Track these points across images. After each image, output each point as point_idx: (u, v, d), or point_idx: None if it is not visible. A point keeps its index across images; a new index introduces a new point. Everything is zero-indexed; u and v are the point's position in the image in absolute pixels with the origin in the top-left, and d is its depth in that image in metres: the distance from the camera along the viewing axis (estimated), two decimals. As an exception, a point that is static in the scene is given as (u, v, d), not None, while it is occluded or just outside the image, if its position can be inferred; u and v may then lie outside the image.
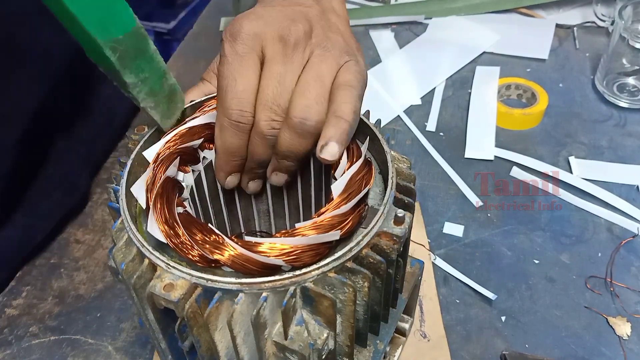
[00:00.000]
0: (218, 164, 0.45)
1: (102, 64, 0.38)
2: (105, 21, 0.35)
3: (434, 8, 1.06)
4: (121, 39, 0.36)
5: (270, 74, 0.41)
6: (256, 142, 0.42)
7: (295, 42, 0.41)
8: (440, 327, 0.59)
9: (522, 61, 0.95)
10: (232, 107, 0.41)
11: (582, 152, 0.78)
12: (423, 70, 0.94)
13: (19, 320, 0.61)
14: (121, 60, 0.37)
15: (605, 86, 0.87)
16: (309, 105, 0.40)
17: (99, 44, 0.35)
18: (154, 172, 0.40)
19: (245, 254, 0.35)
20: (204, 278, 0.34)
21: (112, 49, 0.36)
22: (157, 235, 0.37)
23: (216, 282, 0.34)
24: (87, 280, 0.65)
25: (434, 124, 0.84)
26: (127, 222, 0.37)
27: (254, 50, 0.41)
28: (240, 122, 0.41)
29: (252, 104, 0.41)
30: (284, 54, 0.41)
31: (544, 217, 0.71)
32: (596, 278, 0.64)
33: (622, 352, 0.57)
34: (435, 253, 0.66)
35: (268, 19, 0.42)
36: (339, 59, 0.42)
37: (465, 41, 0.99)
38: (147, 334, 0.59)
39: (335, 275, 0.35)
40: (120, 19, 0.36)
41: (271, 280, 0.34)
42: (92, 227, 0.71)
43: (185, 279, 0.35)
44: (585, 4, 1.04)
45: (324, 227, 0.37)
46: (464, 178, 0.76)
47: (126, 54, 0.37)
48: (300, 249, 0.36)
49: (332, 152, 0.40)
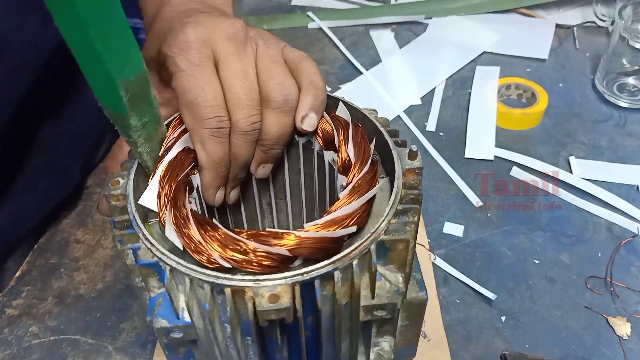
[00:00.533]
0: (206, 181, 0.44)
1: (110, 105, 0.38)
2: (123, 61, 0.35)
3: (434, 8, 1.06)
4: (132, 80, 0.37)
5: (232, 73, 0.41)
6: (239, 144, 0.42)
7: (243, 39, 0.42)
8: (440, 327, 0.59)
9: (522, 61, 0.95)
10: (209, 116, 0.41)
11: (582, 152, 0.79)
12: (423, 70, 0.94)
13: (19, 320, 0.61)
14: (130, 102, 0.37)
15: (605, 86, 0.87)
16: (282, 82, 0.41)
17: (115, 83, 0.36)
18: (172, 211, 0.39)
19: (312, 236, 0.36)
20: (299, 273, 0.35)
21: (124, 90, 0.36)
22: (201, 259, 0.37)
23: (311, 271, 0.35)
24: (87, 280, 0.65)
25: (434, 124, 0.84)
26: (187, 268, 0.36)
27: (208, 57, 0.41)
28: (221, 127, 0.41)
29: (225, 108, 0.41)
30: (237, 50, 0.42)
31: (544, 217, 0.71)
32: (596, 278, 0.64)
33: (622, 352, 0.57)
34: (435, 253, 0.66)
35: (207, 24, 0.42)
36: (277, 44, 0.44)
37: (465, 41, 0.99)
38: (150, 336, 0.59)
39: (397, 220, 0.39)
40: (133, 61, 0.36)
41: (357, 247, 0.36)
42: (92, 227, 0.71)
43: (282, 284, 0.35)
44: (585, 4, 1.04)
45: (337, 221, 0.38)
46: (464, 178, 0.76)
47: (134, 96, 0.37)
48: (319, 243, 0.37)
49: (312, 123, 0.42)
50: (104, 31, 0.33)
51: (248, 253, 0.35)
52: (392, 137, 0.44)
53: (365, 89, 0.92)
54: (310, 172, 0.49)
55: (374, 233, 0.37)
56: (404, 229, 0.38)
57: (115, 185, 0.40)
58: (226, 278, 0.35)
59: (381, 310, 0.39)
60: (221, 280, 0.35)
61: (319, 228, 0.37)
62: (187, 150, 0.43)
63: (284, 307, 0.34)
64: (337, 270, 0.36)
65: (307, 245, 0.36)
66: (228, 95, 0.41)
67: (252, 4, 1.14)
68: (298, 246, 0.36)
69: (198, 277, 0.35)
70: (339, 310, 0.38)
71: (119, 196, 0.40)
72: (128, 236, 0.38)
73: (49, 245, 0.69)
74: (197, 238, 0.36)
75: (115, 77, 0.35)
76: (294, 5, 1.13)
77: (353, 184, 0.40)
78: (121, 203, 0.40)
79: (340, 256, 0.36)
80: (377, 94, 0.90)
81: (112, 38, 0.34)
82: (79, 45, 0.33)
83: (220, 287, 0.35)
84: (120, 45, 0.35)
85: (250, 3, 1.14)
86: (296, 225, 0.55)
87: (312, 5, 1.12)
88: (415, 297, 0.42)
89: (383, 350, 0.46)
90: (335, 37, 1.02)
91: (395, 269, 0.40)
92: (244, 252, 0.35)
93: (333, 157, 0.45)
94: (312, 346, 0.41)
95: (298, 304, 0.35)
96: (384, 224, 0.38)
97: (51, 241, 0.69)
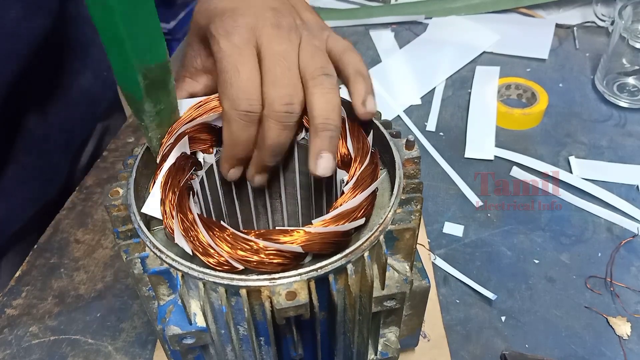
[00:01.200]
0: (223, 155, 0.45)
1: (127, 87, 0.38)
2: (145, 48, 0.36)
3: (434, 8, 1.06)
4: (152, 67, 0.37)
5: (271, 55, 0.41)
6: (270, 126, 0.41)
7: (288, 27, 0.43)
8: (440, 327, 0.59)
9: (522, 61, 0.95)
10: (239, 97, 0.40)
11: (582, 152, 0.78)
12: (423, 70, 0.94)
13: (19, 320, 0.61)
14: (147, 88, 0.38)
15: (606, 86, 0.87)
16: (325, 62, 0.42)
17: (134, 67, 0.36)
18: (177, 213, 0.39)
19: (322, 231, 0.37)
20: (314, 269, 0.35)
21: (143, 75, 0.37)
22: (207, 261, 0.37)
23: (325, 266, 0.35)
24: (87, 280, 0.65)
25: (433, 123, 0.84)
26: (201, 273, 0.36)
27: (250, 42, 0.41)
28: (249, 112, 0.41)
29: (259, 92, 0.41)
30: (280, 36, 0.42)
31: (544, 217, 0.71)
32: (596, 278, 0.64)
33: (622, 352, 0.57)
34: (435, 253, 0.66)
35: (256, 12, 0.43)
36: (321, 33, 0.45)
37: (465, 41, 0.99)
38: (152, 335, 0.59)
39: (402, 209, 0.40)
40: (156, 49, 0.37)
41: (367, 238, 0.37)
42: (92, 227, 0.71)
43: (298, 281, 0.35)
44: (585, 4, 1.04)
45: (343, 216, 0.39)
46: (464, 178, 0.75)
47: (152, 82, 0.38)
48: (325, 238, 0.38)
49: (373, 105, 0.43)
50: (130, 16, 0.33)
51: (259, 252, 0.35)
52: (386, 128, 0.44)
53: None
54: (305, 170, 0.49)
55: (382, 224, 0.38)
56: (409, 217, 0.39)
57: (114, 195, 0.40)
58: (241, 279, 0.35)
59: (391, 300, 0.40)
60: (236, 282, 0.35)
61: (327, 223, 0.37)
62: (185, 155, 0.43)
63: (302, 304, 0.34)
64: (349, 263, 0.36)
65: (318, 241, 0.36)
66: (266, 76, 0.41)
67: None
68: (309, 242, 0.36)
69: (212, 281, 0.35)
70: (351, 303, 0.38)
71: (120, 206, 0.39)
72: (134, 245, 0.38)
73: (49, 245, 0.69)
74: (207, 240, 0.36)
75: (135, 62, 0.36)
76: (294, 5, 1.13)
77: (356, 177, 0.40)
78: (122, 213, 0.39)
79: (353, 249, 0.36)
80: (377, 93, 0.89)
81: (137, 23, 0.34)
82: (103, 24, 0.34)
83: (235, 289, 0.35)
84: (145, 31, 0.35)
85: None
86: (292, 225, 0.55)
87: (312, 5, 1.12)
88: (418, 285, 0.43)
89: (389, 340, 0.47)
90: (335, 37, 1.02)
91: (402, 259, 0.41)
92: (254, 251, 0.35)
93: None
94: (325, 341, 0.42)
95: (314, 299, 0.35)
96: (391, 214, 0.39)
97: (51, 241, 0.69)
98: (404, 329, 0.48)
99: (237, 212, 0.53)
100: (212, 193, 0.48)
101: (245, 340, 0.39)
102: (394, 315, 0.45)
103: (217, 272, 0.35)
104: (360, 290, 0.38)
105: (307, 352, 0.43)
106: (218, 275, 0.35)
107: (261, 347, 0.40)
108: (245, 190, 0.52)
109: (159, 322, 0.38)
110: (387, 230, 0.38)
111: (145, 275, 0.38)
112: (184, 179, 0.41)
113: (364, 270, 0.37)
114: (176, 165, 0.41)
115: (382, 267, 0.39)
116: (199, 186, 0.45)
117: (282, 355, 0.42)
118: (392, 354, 0.47)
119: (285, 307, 0.34)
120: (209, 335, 0.39)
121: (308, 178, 0.50)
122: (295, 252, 0.36)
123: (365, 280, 0.37)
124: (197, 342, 0.39)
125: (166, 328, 0.38)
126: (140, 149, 0.43)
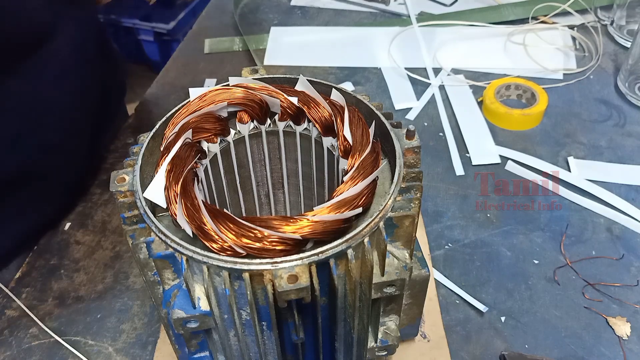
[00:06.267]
0: None
1: None
2: None
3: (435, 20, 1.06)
4: None
5: None
6: None
7: None
8: (440, 328, 0.59)
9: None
10: None
11: (581, 152, 0.79)
12: (421, 71, 0.94)
13: (19, 322, 0.61)
14: None
15: (628, 87, 0.86)
16: None
17: None
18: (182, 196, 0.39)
19: (323, 219, 0.37)
20: (315, 253, 0.36)
21: None
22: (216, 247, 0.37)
23: (326, 251, 0.36)
24: (87, 282, 0.65)
25: (434, 124, 0.84)
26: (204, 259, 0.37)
27: None
28: None
29: None
30: None
31: (544, 217, 0.71)
32: (595, 278, 0.64)
33: (621, 352, 0.57)
34: (435, 253, 0.66)
35: None
36: None
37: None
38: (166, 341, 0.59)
39: (402, 197, 0.40)
40: None
41: (368, 224, 0.37)
42: (92, 228, 0.71)
43: (299, 264, 0.36)
44: (585, 4, 1.04)
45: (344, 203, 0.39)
46: (464, 178, 0.75)
47: None
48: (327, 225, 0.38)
49: None
50: None
51: (262, 240, 0.36)
52: (387, 119, 0.45)
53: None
54: (308, 160, 0.50)
55: (382, 210, 0.39)
56: (409, 205, 0.40)
57: (121, 182, 0.41)
58: (244, 263, 0.36)
59: (391, 286, 0.41)
60: (239, 265, 0.36)
61: (328, 210, 0.38)
62: (189, 144, 0.43)
63: (303, 287, 0.35)
64: (350, 248, 0.37)
65: (320, 229, 0.37)
66: None
67: (252, 4, 1.14)
68: (310, 229, 0.37)
69: (216, 264, 0.36)
70: (352, 288, 0.38)
71: (126, 192, 0.40)
72: (140, 230, 0.39)
73: (49, 246, 0.69)
74: (211, 227, 0.37)
75: None
76: (294, 6, 1.13)
77: (357, 165, 0.41)
78: (129, 199, 0.40)
79: (353, 234, 0.37)
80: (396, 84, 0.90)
81: None
82: None
83: (238, 272, 0.36)
84: None
85: (250, 3, 1.14)
86: (294, 215, 0.56)
87: (311, 5, 1.12)
88: (418, 274, 0.44)
89: (389, 329, 0.48)
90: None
91: (401, 246, 0.42)
92: (258, 239, 0.36)
93: (332, 142, 0.46)
94: (326, 327, 0.42)
95: (315, 282, 0.36)
96: (391, 201, 0.39)
97: (51, 242, 0.69)
98: (404, 318, 0.48)
99: (240, 202, 0.53)
100: (216, 182, 0.48)
101: (248, 324, 0.39)
102: (393, 303, 0.46)
103: (220, 256, 0.36)
104: (361, 276, 0.39)
105: (308, 337, 0.43)
106: (221, 259, 0.36)
107: (263, 332, 0.40)
108: (249, 181, 0.52)
109: (163, 305, 0.39)
110: (387, 217, 0.39)
111: (150, 260, 0.38)
112: (189, 166, 0.42)
113: (364, 256, 0.38)
114: (180, 152, 0.42)
115: (382, 253, 0.39)
116: (204, 174, 0.46)
117: (284, 340, 0.43)
118: (392, 342, 0.48)
119: (287, 290, 0.35)
120: (213, 319, 0.39)
121: (310, 168, 0.50)
122: (297, 239, 0.36)
123: (366, 266, 0.38)
124: (200, 326, 0.40)
125: (171, 312, 0.38)
126: (146, 137, 0.44)
